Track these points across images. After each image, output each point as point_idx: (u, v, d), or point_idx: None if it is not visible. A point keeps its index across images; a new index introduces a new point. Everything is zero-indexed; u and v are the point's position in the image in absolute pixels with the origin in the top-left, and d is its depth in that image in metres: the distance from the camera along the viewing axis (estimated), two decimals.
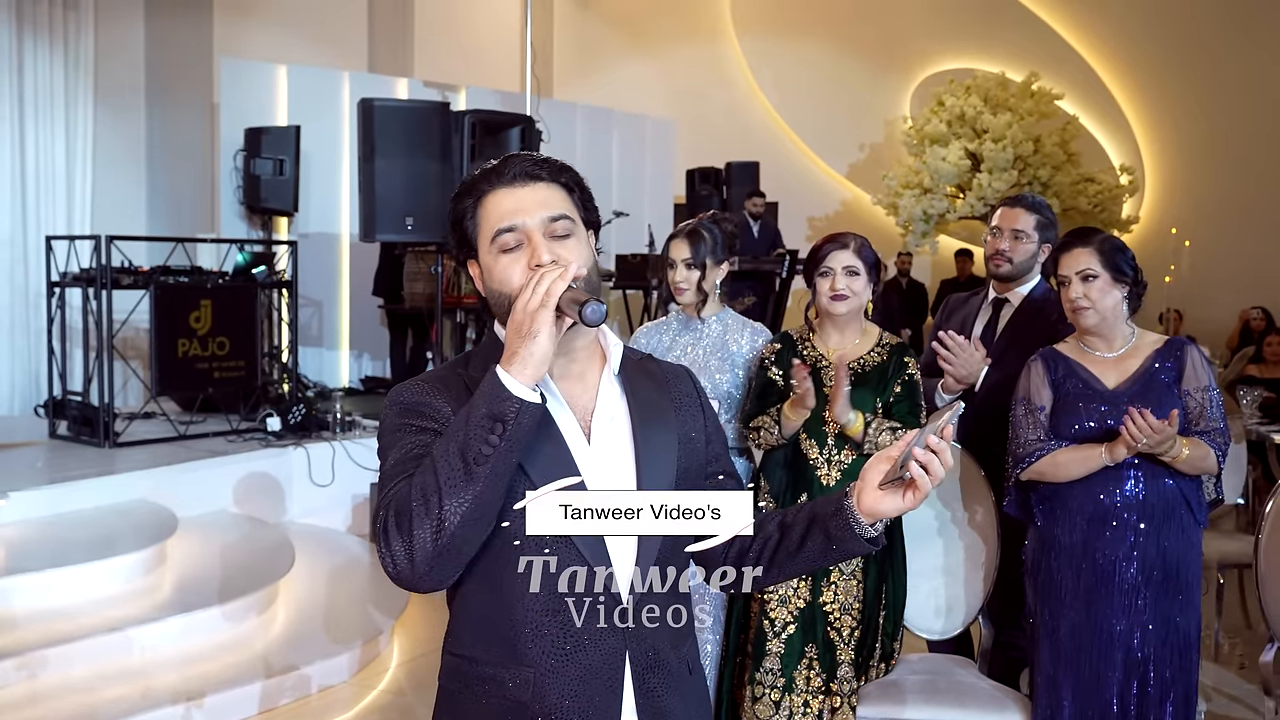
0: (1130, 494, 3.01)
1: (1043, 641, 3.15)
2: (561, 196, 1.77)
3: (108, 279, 6.51)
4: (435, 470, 1.58)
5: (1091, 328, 3.11)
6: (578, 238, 1.75)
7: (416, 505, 1.58)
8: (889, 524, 3.23)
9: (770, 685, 3.31)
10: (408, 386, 1.78)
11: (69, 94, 8.72)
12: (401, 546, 1.58)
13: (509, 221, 1.72)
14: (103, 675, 4.28)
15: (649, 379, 1.88)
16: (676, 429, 1.84)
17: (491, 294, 1.76)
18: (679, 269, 3.67)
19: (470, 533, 1.60)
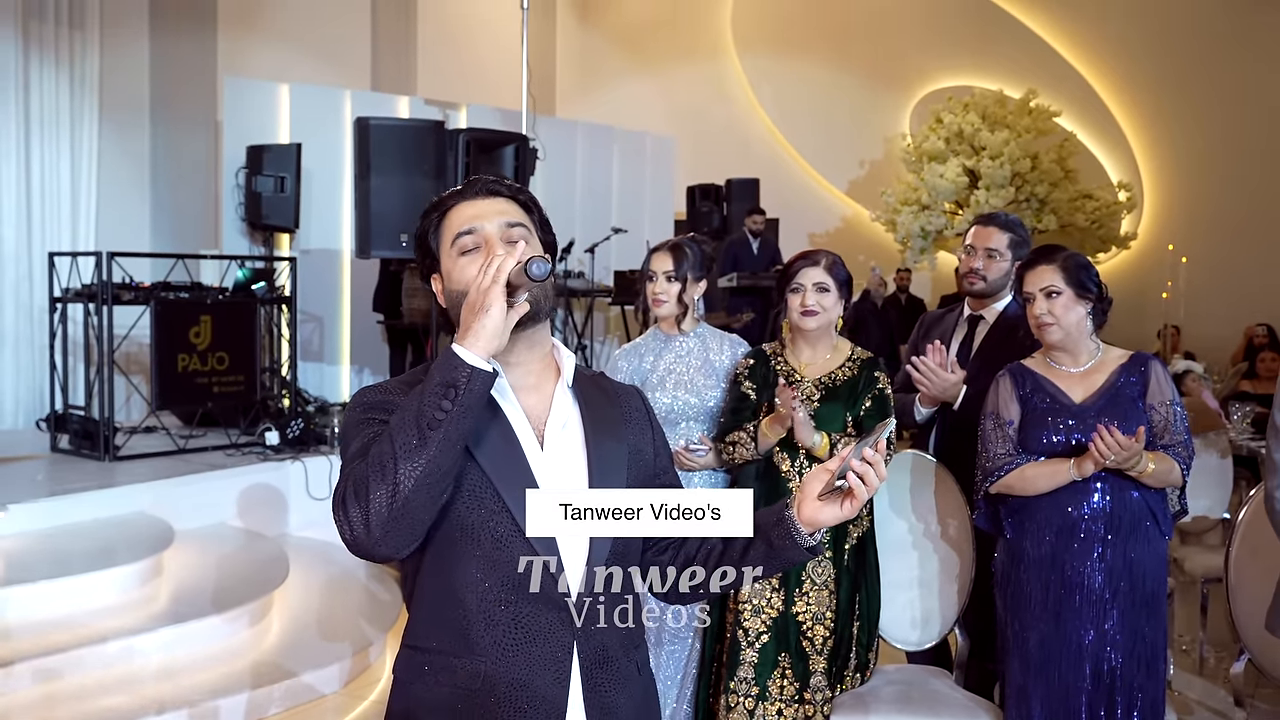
0: (1097, 506, 3.07)
1: (1013, 653, 3.21)
2: (519, 211, 1.88)
3: (109, 295, 6.60)
4: (391, 438, 1.65)
5: (1056, 343, 3.18)
6: (533, 247, 1.85)
7: (373, 472, 1.64)
8: (862, 537, 3.32)
9: (744, 694, 3.37)
10: (370, 389, 1.86)
11: (74, 112, 8.83)
12: (359, 513, 1.65)
13: (468, 225, 1.84)
14: (98, 684, 4.35)
15: (601, 393, 1.96)
16: (626, 440, 1.92)
17: (451, 298, 1.85)
18: (659, 280, 3.72)
19: (424, 497, 1.65)
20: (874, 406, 3.43)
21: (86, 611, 4.76)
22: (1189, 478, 3.14)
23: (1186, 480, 3.08)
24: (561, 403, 1.89)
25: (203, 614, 4.90)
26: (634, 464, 1.91)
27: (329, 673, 4.80)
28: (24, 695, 4.20)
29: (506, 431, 1.82)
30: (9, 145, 8.33)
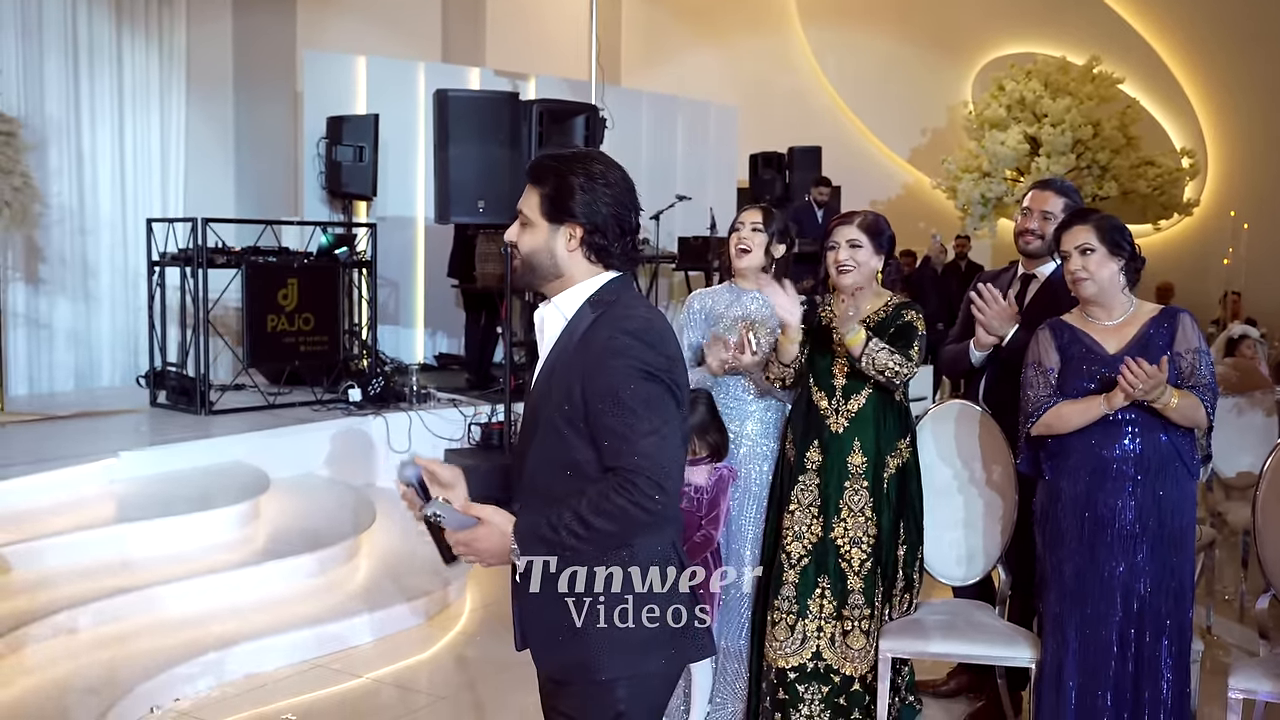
0: (1128, 448, 3.33)
1: (1050, 584, 3.48)
2: (530, 196, 2.30)
3: (204, 258, 7.01)
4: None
5: (1090, 297, 3.42)
6: (532, 229, 2.30)
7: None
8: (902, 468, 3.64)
9: (786, 611, 3.69)
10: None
11: (163, 84, 9.26)
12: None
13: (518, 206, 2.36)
14: (205, 613, 4.75)
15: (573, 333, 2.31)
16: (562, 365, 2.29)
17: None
18: (746, 229, 3.99)
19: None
20: (897, 332, 3.70)
21: (192, 549, 5.17)
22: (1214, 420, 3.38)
23: (1212, 423, 3.32)
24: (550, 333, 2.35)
25: (297, 552, 5.29)
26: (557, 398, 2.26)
27: (414, 607, 5.17)
28: (137, 621, 4.60)
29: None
30: (104, 116, 8.77)
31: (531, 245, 2.28)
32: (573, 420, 2.22)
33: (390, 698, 4.37)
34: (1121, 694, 3.39)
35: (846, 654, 3.69)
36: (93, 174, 8.72)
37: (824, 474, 3.74)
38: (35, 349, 8.33)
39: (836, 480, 3.73)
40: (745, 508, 3.91)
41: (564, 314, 2.29)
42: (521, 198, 2.31)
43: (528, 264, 2.30)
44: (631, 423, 2.14)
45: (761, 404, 3.96)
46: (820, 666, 3.69)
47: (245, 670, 4.47)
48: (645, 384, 2.16)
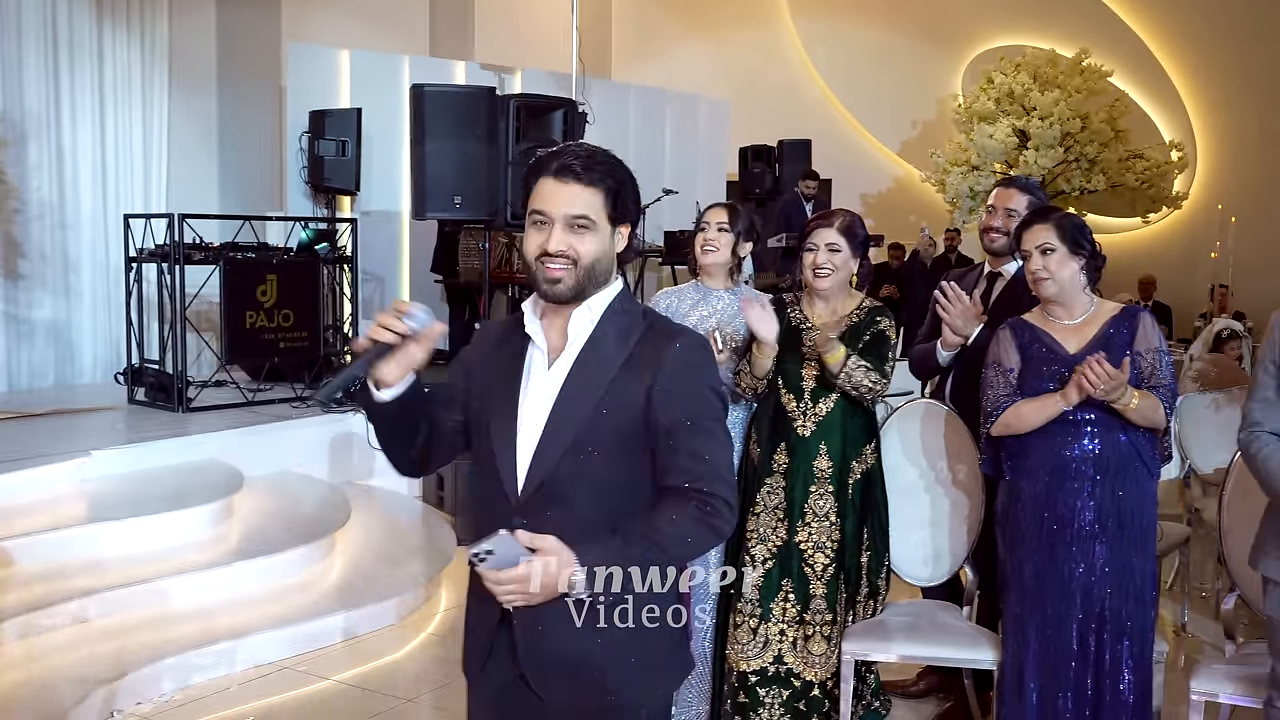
0: (1087, 448, 3.30)
1: (1010, 585, 3.46)
2: (589, 197, 2.11)
3: (180, 255, 6.98)
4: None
5: (1051, 296, 3.39)
6: (595, 233, 2.11)
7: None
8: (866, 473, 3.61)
9: (749, 614, 3.67)
10: (488, 323, 2.44)
11: (145, 80, 9.22)
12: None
13: (542, 206, 2.12)
14: (175, 613, 4.74)
15: (618, 331, 2.17)
16: (609, 379, 2.12)
17: (525, 251, 2.19)
18: (712, 229, 3.97)
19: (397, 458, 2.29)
20: (871, 340, 3.69)
21: (164, 548, 5.14)
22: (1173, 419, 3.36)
23: (1170, 423, 3.30)
24: (576, 340, 2.16)
25: (269, 552, 5.26)
26: (612, 405, 2.10)
27: (387, 607, 5.15)
28: (108, 621, 4.58)
29: (517, 357, 2.19)
30: (85, 111, 8.74)
31: (596, 251, 2.10)
32: (632, 435, 2.11)
33: (352, 701, 4.35)
34: (1082, 695, 3.36)
35: (808, 659, 3.67)
36: (73, 169, 8.69)
37: (790, 477, 3.72)
38: (15, 345, 8.31)
39: (802, 484, 3.71)
40: None
41: (593, 316, 2.16)
42: (565, 201, 2.08)
43: (590, 273, 2.09)
44: (710, 445, 2.10)
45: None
46: (781, 670, 3.68)
47: (210, 674, 4.45)
48: (717, 402, 2.15)
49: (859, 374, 3.59)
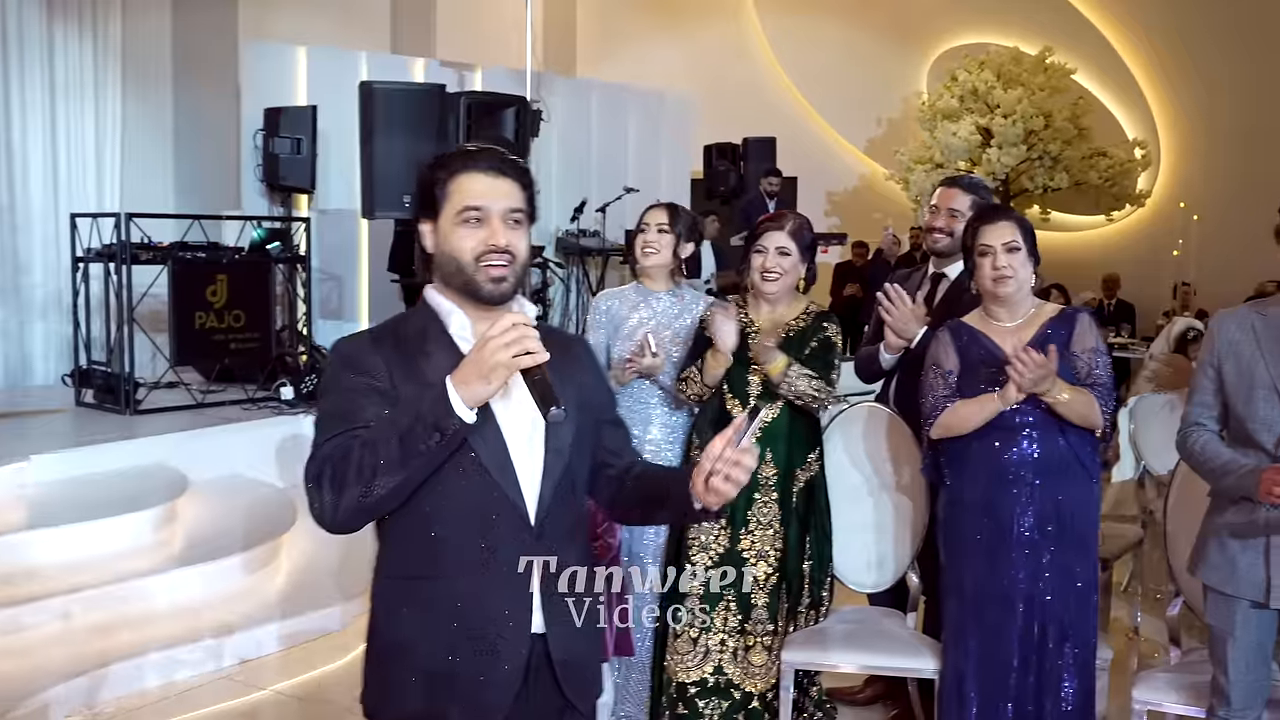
0: (1026, 451, 3.25)
1: (951, 592, 3.40)
2: (520, 195, 2.06)
3: (127, 255, 6.87)
4: (376, 449, 1.86)
5: (1008, 296, 3.33)
6: (524, 230, 2.07)
7: (353, 472, 1.87)
8: (810, 481, 3.53)
9: (689, 624, 3.60)
10: (348, 341, 2.09)
11: (98, 78, 9.09)
12: (331, 499, 1.90)
13: (478, 201, 2.01)
14: (113, 621, 4.64)
15: (553, 340, 2.06)
16: (575, 383, 2.10)
17: (442, 255, 2.05)
18: (651, 231, 3.89)
19: (392, 501, 1.92)
20: (818, 347, 3.64)
21: (103, 555, 5.05)
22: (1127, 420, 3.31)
23: (1107, 423, 3.24)
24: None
25: (212, 557, 5.17)
26: (583, 406, 2.10)
27: (330, 614, 5.06)
28: (45, 630, 4.48)
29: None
30: (35, 110, 8.60)
31: (527, 249, 2.08)
32: (587, 432, 2.14)
33: (289, 712, 4.26)
34: (1023, 705, 3.31)
35: (748, 670, 3.61)
36: (23, 169, 8.56)
37: None
38: None
39: (746, 491, 3.63)
40: None
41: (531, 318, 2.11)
42: (503, 194, 2.02)
43: (523, 272, 2.07)
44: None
45: (666, 408, 3.88)
46: (721, 681, 3.61)
47: (144, 684, 4.35)
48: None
49: (801, 382, 3.53)
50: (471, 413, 1.86)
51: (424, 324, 2.07)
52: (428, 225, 2.09)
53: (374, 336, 2.09)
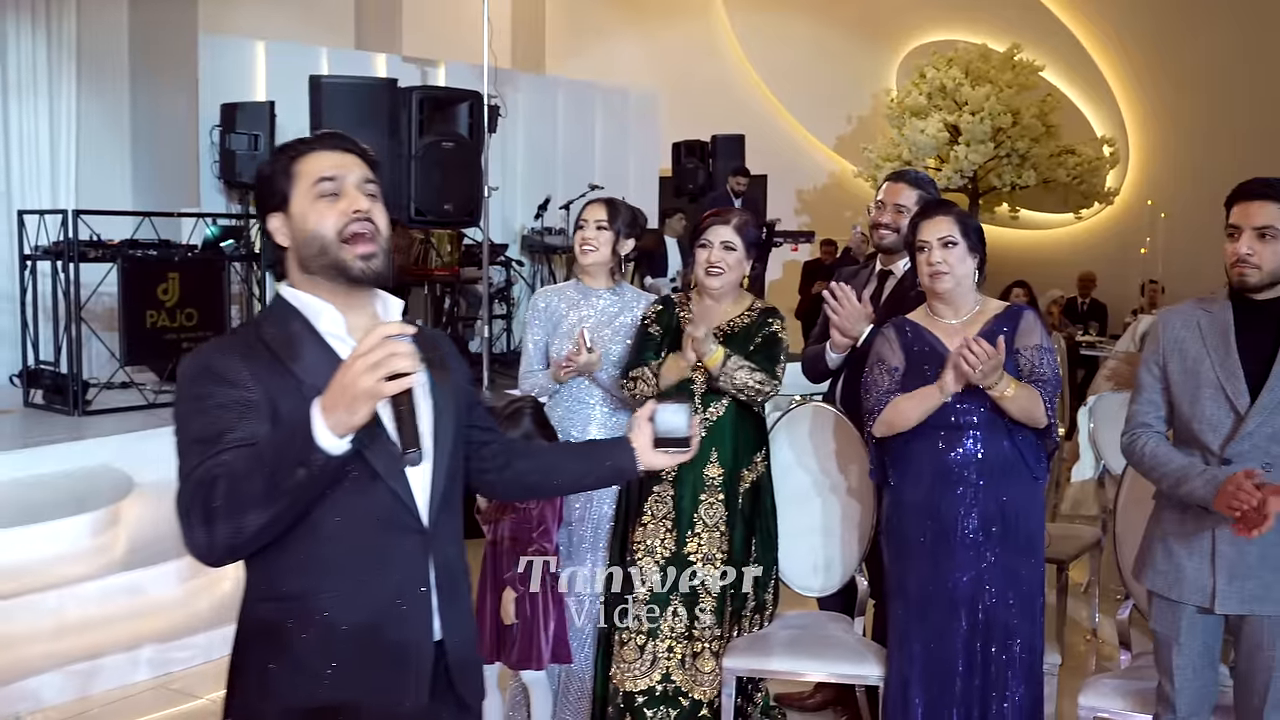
0: (970, 451, 3.17)
1: (895, 596, 3.32)
2: (368, 169, 1.96)
3: (75, 252, 6.72)
4: (244, 482, 1.69)
5: (946, 292, 3.25)
6: (381, 205, 1.95)
7: (222, 507, 1.69)
8: (756, 481, 3.44)
9: (636, 630, 3.50)
10: (206, 351, 1.91)
11: (52, 73, 8.89)
12: (203, 535, 1.73)
13: (331, 173, 1.90)
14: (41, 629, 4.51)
15: (420, 334, 1.98)
16: (451, 379, 2.03)
17: (301, 239, 1.91)
18: (590, 228, 3.80)
19: (270, 536, 1.76)
20: (762, 342, 3.55)
21: (40, 559, 4.92)
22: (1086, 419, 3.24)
23: (1051, 420, 3.16)
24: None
25: (153, 562, 5.04)
26: (457, 399, 2.04)
27: None
28: None
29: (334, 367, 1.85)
30: None
31: (385, 225, 1.97)
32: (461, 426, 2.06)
33: None
34: (969, 710, 3.23)
35: (696, 677, 3.51)
36: None
37: (678, 485, 3.56)
38: None
39: (691, 492, 3.55)
40: (586, 518, 3.72)
41: (387, 308, 1.99)
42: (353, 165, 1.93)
43: (387, 250, 1.95)
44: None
45: (606, 409, 3.79)
46: (669, 689, 3.51)
47: (72, 694, 4.23)
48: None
49: (741, 374, 3.45)
50: (343, 441, 1.68)
51: (289, 325, 1.90)
52: (278, 218, 1.95)
53: (235, 343, 1.93)
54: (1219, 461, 2.83)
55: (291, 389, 1.84)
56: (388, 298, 2.00)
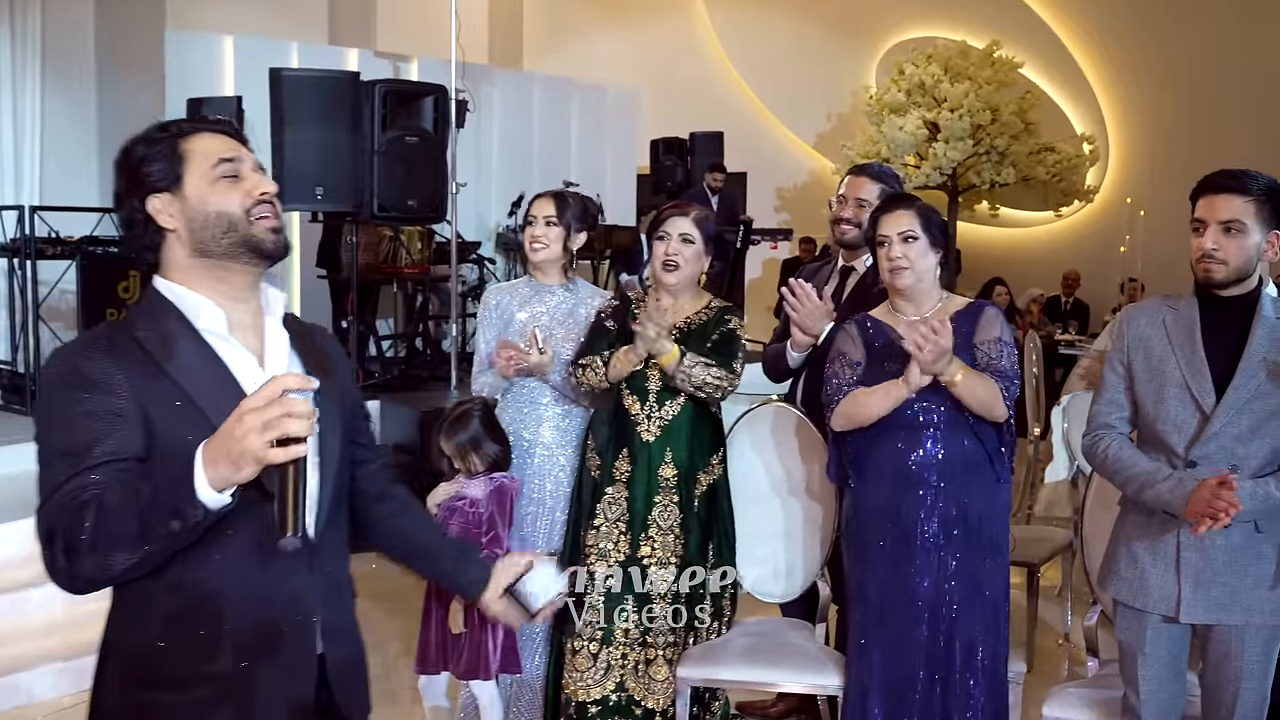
0: (931, 453, 3.07)
1: (854, 602, 3.21)
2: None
3: (32, 249, 6.58)
4: (112, 517, 1.55)
5: (906, 288, 3.14)
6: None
7: (87, 539, 1.55)
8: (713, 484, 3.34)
9: (589, 637, 3.39)
10: (74, 352, 1.77)
11: (16, 69, 8.76)
12: (64, 564, 1.59)
13: (230, 154, 1.83)
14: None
15: (303, 329, 1.97)
16: (335, 377, 1.93)
17: (201, 219, 1.80)
18: (539, 224, 3.69)
19: (135, 574, 1.62)
20: (720, 339, 3.45)
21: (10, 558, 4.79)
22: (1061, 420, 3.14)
23: (1010, 412, 3.05)
24: (278, 341, 1.88)
25: None
26: (342, 402, 1.95)
27: None
28: None
29: (228, 380, 1.77)
30: None
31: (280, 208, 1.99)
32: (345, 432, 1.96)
33: None
34: None
35: (650, 685, 3.40)
36: None
37: (632, 486, 3.44)
38: None
39: (645, 494, 3.44)
40: (538, 522, 3.61)
41: (270, 302, 1.91)
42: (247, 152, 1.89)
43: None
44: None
45: (559, 410, 3.67)
46: (623, 699, 3.40)
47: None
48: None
49: (698, 371, 3.33)
50: (223, 496, 1.54)
51: (164, 322, 1.77)
52: (162, 199, 1.82)
53: (105, 342, 1.76)
54: (1184, 464, 2.73)
55: (166, 393, 1.72)
56: (271, 291, 1.90)
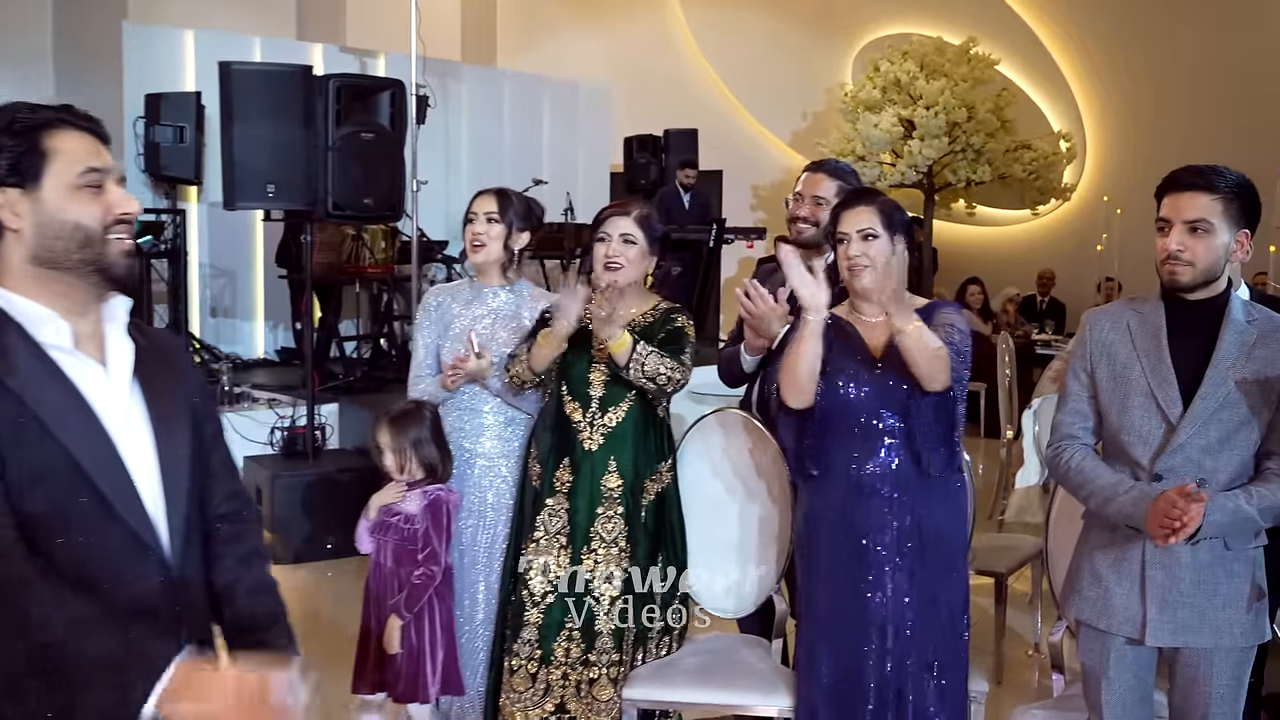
0: (885, 462, 2.93)
1: (805, 616, 3.07)
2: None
3: None
4: None
5: (866, 287, 2.99)
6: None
7: None
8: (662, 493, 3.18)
9: (528, 657, 3.23)
10: None
11: None
12: None
13: (99, 164, 1.70)
14: None
15: (146, 337, 1.82)
16: (183, 387, 1.83)
17: (53, 228, 1.66)
18: (479, 221, 3.56)
19: None
20: (667, 337, 3.30)
21: None
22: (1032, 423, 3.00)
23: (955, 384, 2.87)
24: (122, 353, 1.75)
25: None
26: (194, 417, 1.83)
27: None
28: None
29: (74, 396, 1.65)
30: None
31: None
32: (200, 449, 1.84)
33: None
34: None
35: (593, 706, 3.23)
36: None
37: (573, 497, 3.28)
38: None
39: (588, 505, 3.28)
40: (478, 536, 3.46)
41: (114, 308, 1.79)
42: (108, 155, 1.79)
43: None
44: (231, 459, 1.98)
45: (501, 419, 3.51)
46: None
47: None
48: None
49: (652, 360, 3.17)
50: None
51: (3, 336, 1.63)
52: (11, 193, 1.67)
53: None
54: (1149, 477, 2.58)
55: (10, 408, 1.58)
56: (116, 298, 1.76)
